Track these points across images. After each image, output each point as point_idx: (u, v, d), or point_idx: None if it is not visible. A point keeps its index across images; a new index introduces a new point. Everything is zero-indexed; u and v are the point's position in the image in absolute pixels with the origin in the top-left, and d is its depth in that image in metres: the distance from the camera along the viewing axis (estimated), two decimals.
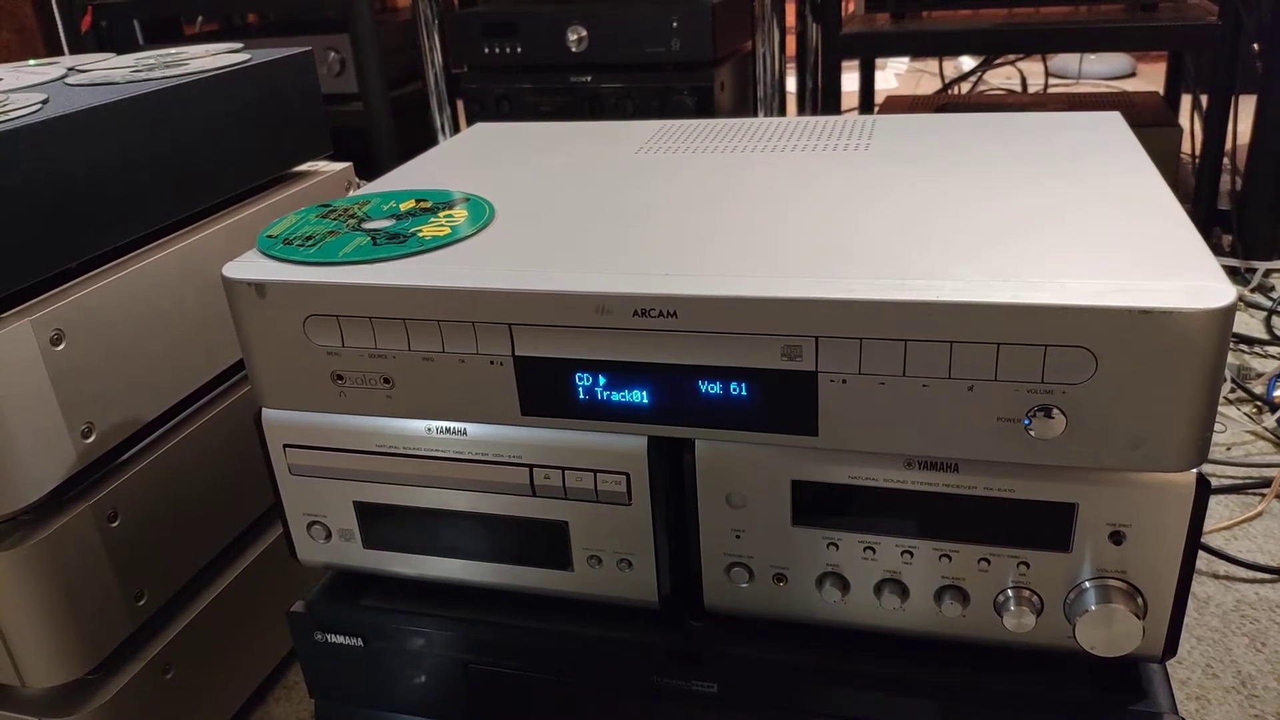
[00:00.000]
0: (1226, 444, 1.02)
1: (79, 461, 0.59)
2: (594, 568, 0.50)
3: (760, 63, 1.60)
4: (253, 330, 0.49)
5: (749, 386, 0.44)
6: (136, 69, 0.73)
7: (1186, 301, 0.37)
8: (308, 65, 0.78)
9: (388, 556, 0.54)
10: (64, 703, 0.60)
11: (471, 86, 1.64)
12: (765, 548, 0.47)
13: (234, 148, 0.72)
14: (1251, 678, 0.73)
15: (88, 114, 0.59)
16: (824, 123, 0.69)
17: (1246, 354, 1.20)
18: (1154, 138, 1.41)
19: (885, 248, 0.45)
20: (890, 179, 0.55)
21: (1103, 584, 0.43)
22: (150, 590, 0.64)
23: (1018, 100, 1.89)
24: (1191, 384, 0.38)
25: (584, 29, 1.55)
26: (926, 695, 0.47)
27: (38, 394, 0.56)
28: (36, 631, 0.58)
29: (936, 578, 0.46)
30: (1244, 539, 0.88)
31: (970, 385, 0.41)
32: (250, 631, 0.73)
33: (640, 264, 0.46)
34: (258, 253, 0.50)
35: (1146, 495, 0.41)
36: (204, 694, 0.69)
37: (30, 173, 0.55)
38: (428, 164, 0.66)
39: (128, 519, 0.62)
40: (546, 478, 0.49)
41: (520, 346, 0.46)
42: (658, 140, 0.67)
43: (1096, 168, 0.54)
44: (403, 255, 0.48)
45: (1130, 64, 2.67)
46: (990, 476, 0.43)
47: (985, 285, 0.40)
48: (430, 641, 0.54)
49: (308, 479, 0.53)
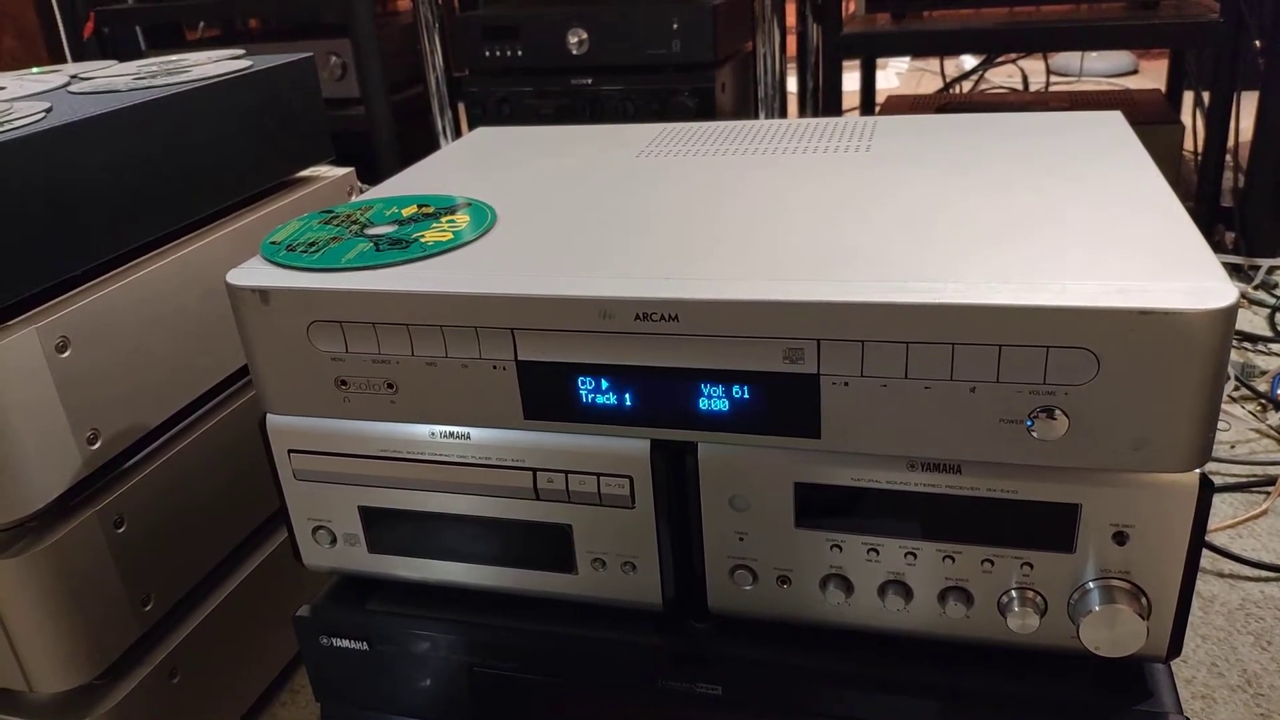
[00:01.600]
0: (1230, 442, 1.02)
1: (85, 468, 0.59)
2: (598, 571, 0.50)
3: (761, 63, 1.60)
4: (257, 336, 0.49)
5: (751, 389, 0.44)
6: (139, 76, 0.73)
7: (1188, 302, 0.37)
8: (309, 71, 0.79)
9: (392, 560, 0.54)
10: (71, 708, 0.60)
11: (472, 90, 1.65)
12: (769, 550, 0.47)
13: (236, 154, 0.72)
14: (1257, 676, 0.73)
15: (91, 122, 0.59)
16: (824, 124, 0.69)
17: (1250, 352, 1.20)
18: (1156, 135, 1.41)
19: (886, 250, 0.45)
20: (891, 181, 0.55)
21: (1106, 584, 0.43)
22: (157, 595, 0.64)
23: (1019, 99, 1.89)
24: (1194, 384, 0.38)
25: (584, 31, 1.55)
26: (930, 697, 0.47)
27: (43, 401, 0.56)
28: (44, 637, 0.58)
29: (940, 579, 0.46)
30: (1249, 537, 0.88)
31: (972, 387, 0.41)
32: (256, 635, 0.73)
33: (642, 268, 0.46)
34: (261, 259, 0.51)
35: (1150, 495, 0.41)
36: (211, 698, 0.69)
37: (34, 181, 0.56)
38: (430, 169, 0.66)
39: (134, 525, 0.62)
40: (550, 481, 0.49)
41: (523, 351, 0.46)
42: (659, 143, 0.67)
43: (1097, 168, 0.54)
44: (406, 261, 0.49)
45: (1132, 61, 2.67)
46: (993, 478, 0.43)
47: (987, 287, 0.40)
48: (435, 645, 0.54)
49: (312, 484, 0.53)
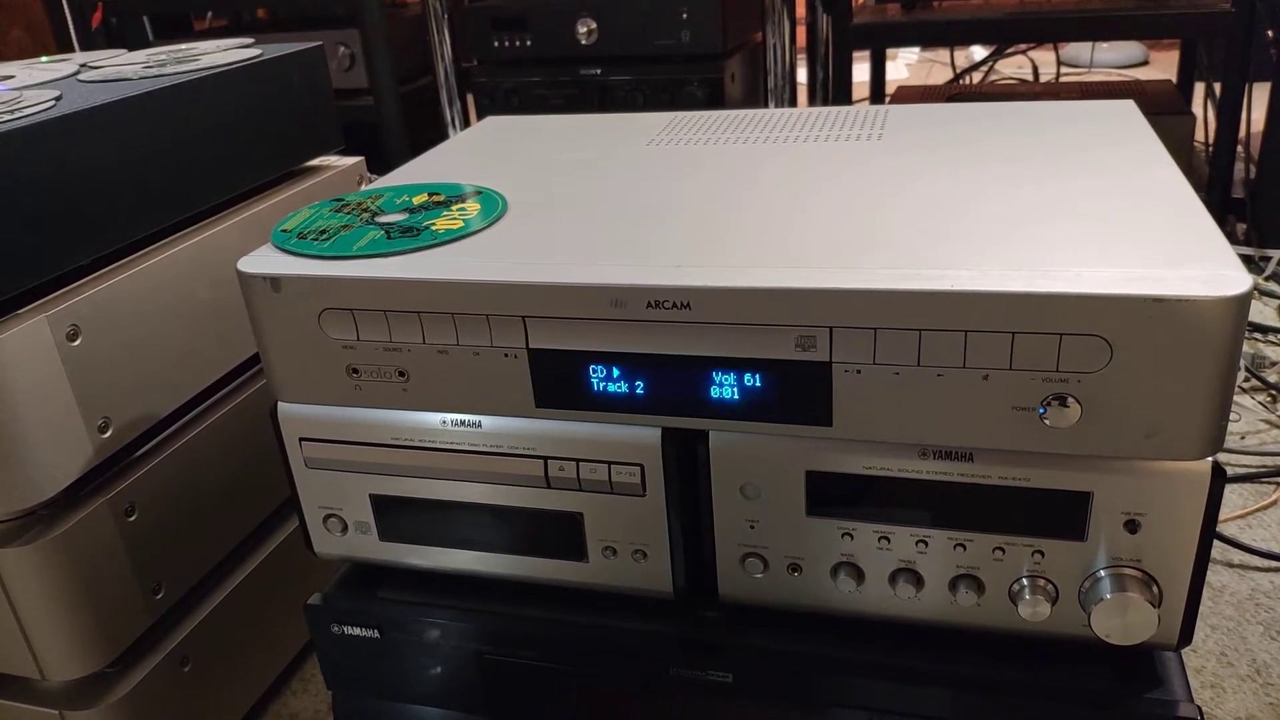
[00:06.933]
0: (1240, 433, 1.01)
1: (96, 456, 0.59)
2: (609, 559, 0.50)
3: (771, 54, 1.59)
4: (268, 324, 0.49)
5: (763, 377, 0.44)
6: (148, 65, 0.73)
7: (1201, 289, 0.37)
8: (318, 60, 0.79)
9: (403, 549, 0.54)
10: (84, 695, 0.61)
11: (481, 80, 1.64)
12: (780, 538, 0.47)
13: (246, 143, 0.72)
14: (1267, 665, 0.73)
15: (101, 110, 0.59)
16: (835, 113, 0.68)
17: (1261, 342, 1.19)
18: (1167, 126, 1.40)
19: (898, 237, 0.45)
20: (903, 169, 0.54)
21: (1118, 573, 0.43)
22: (168, 584, 0.64)
23: (1030, 90, 1.88)
24: (1207, 372, 0.38)
25: (593, 21, 1.55)
26: (941, 684, 0.47)
27: (54, 389, 0.56)
28: (56, 625, 0.58)
29: (951, 567, 0.46)
30: (1258, 527, 0.88)
31: (985, 374, 0.41)
32: (268, 624, 0.74)
33: (652, 256, 0.46)
34: (272, 247, 0.51)
35: (1161, 484, 0.41)
36: (222, 686, 0.70)
37: (45, 169, 0.56)
38: (439, 158, 0.66)
39: (145, 513, 0.62)
40: (561, 469, 0.49)
41: (534, 339, 0.46)
42: (668, 132, 0.67)
43: (1110, 156, 0.53)
44: (416, 249, 0.49)
45: (1143, 52, 2.65)
46: (1005, 465, 0.43)
47: (999, 274, 0.40)
48: (446, 633, 0.54)
49: (323, 472, 0.53)
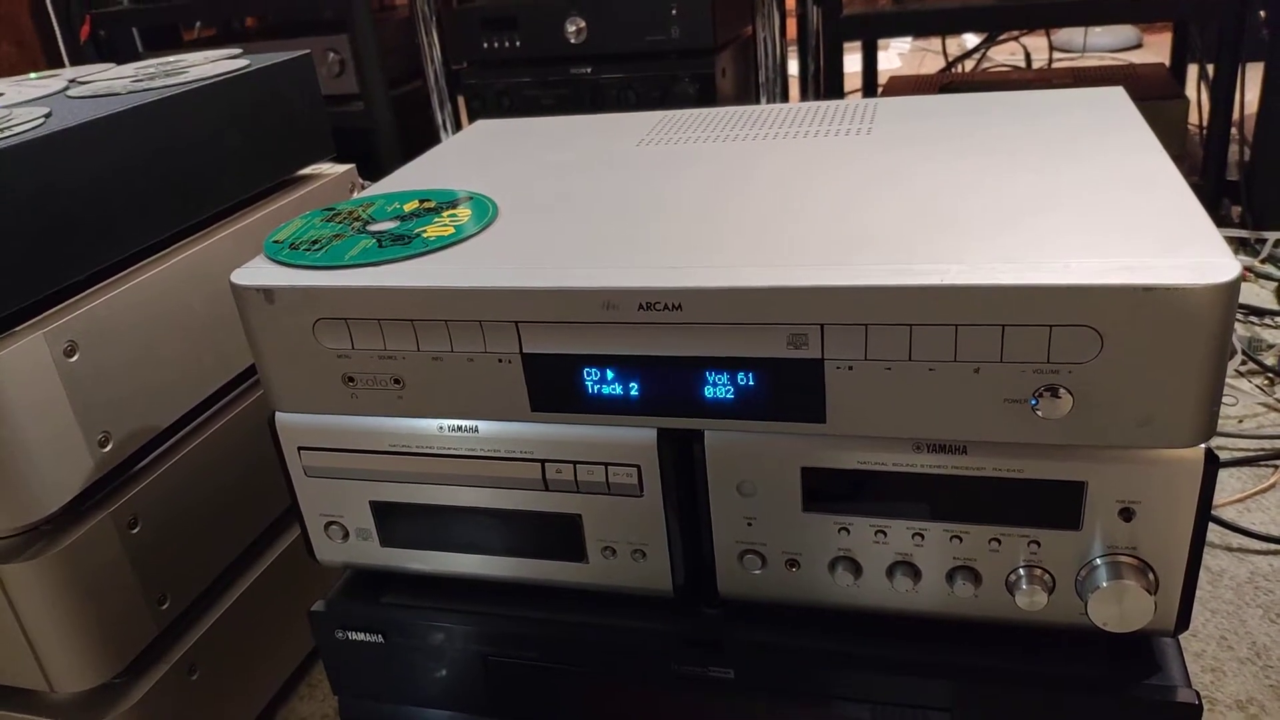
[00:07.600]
0: (1238, 416, 1.02)
1: (97, 470, 0.59)
2: (608, 559, 0.51)
3: (761, 47, 1.59)
4: (263, 335, 0.50)
5: (756, 376, 0.44)
6: (137, 79, 0.73)
7: (1190, 277, 0.37)
8: (307, 68, 0.79)
9: (405, 554, 0.55)
10: (92, 707, 0.61)
11: (472, 82, 1.64)
12: (777, 534, 0.48)
13: (237, 154, 0.72)
14: (1266, 649, 0.73)
15: (90, 126, 0.59)
16: (824, 108, 0.69)
17: (1257, 326, 1.19)
18: (1160, 109, 1.40)
19: (888, 233, 0.45)
20: (892, 164, 0.55)
21: (1114, 560, 0.43)
22: (173, 594, 0.65)
23: (1022, 76, 1.88)
24: (1197, 359, 0.38)
25: (583, 20, 1.55)
26: (940, 676, 0.47)
27: (54, 405, 0.56)
28: (63, 638, 0.59)
29: (948, 559, 0.46)
30: (1257, 511, 0.88)
31: (976, 367, 0.41)
32: (273, 631, 0.74)
33: (644, 257, 0.46)
34: (265, 258, 0.51)
35: (1155, 471, 0.42)
36: (229, 694, 0.70)
37: (36, 187, 0.56)
38: (430, 163, 0.66)
39: (148, 525, 0.62)
40: (558, 472, 0.49)
41: (528, 344, 0.46)
42: (658, 131, 0.67)
43: (1099, 145, 0.53)
44: (408, 256, 0.49)
45: (1136, 35, 2.65)
46: (999, 457, 0.43)
47: (989, 268, 0.40)
48: (449, 636, 0.54)
49: (323, 480, 0.53)
